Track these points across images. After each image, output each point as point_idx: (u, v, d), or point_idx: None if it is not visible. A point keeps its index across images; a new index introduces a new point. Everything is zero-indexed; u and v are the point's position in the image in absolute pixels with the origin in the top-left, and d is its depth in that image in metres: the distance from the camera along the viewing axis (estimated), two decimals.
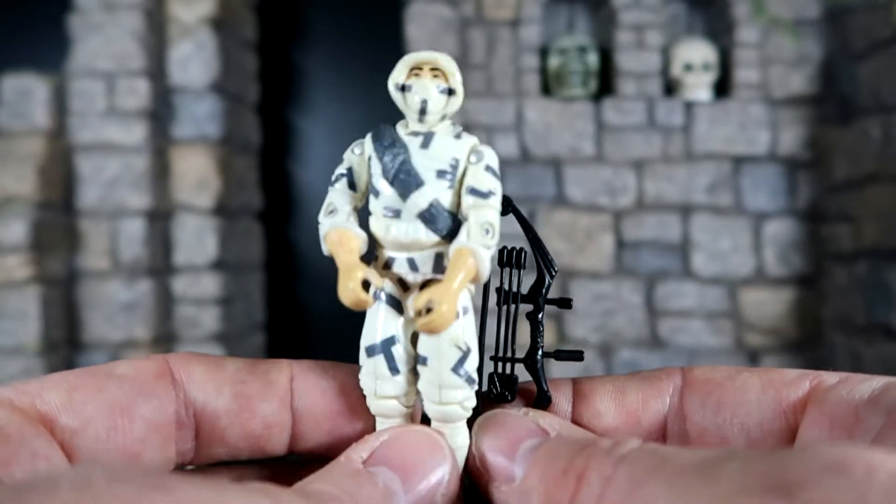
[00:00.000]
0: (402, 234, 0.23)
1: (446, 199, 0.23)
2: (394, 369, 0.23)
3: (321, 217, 0.24)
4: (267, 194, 1.49)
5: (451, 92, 0.23)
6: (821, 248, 1.28)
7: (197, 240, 1.29)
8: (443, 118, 0.24)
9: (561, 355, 0.26)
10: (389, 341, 0.23)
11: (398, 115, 0.24)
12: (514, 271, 0.27)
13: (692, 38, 1.31)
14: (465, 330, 0.23)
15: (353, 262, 0.22)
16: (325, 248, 0.23)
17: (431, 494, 0.22)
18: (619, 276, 1.30)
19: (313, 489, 0.20)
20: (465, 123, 1.29)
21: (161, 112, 1.28)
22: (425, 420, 0.24)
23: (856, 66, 1.19)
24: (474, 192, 0.23)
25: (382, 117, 0.25)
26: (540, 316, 0.26)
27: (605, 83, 1.33)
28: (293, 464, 0.25)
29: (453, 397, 0.23)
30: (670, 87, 1.33)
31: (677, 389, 0.25)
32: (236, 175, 1.37)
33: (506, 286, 0.26)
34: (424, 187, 0.23)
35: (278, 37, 1.52)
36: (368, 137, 0.24)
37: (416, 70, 0.23)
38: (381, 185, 0.23)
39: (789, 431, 0.23)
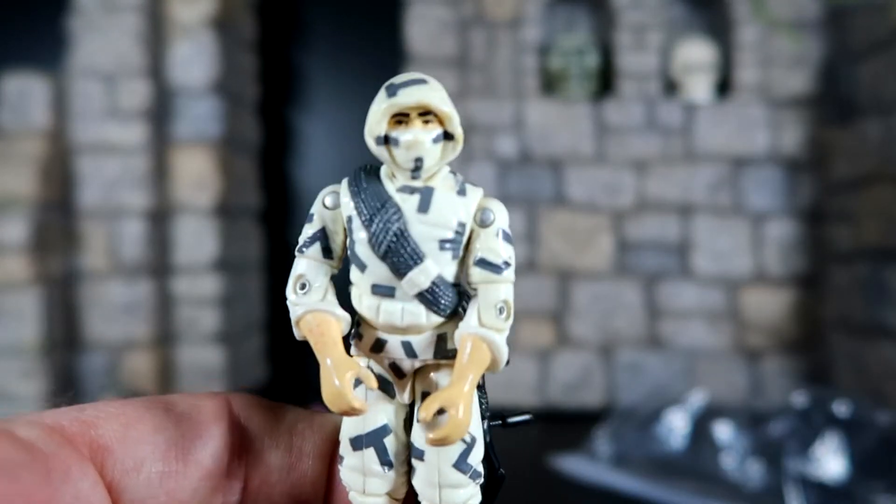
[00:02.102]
0: (397, 316, 0.19)
1: (450, 273, 0.19)
2: (386, 463, 0.20)
3: (290, 294, 0.20)
4: (267, 194, 1.49)
5: (447, 135, 0.19)
6: (821, 249, 1.28)
7: (197, 240, 1.29)
8: (439, 168, 0.19)
9: (509, 423, 0.22)
10: (380, 431, 0.20)
11: None
12: None
13: (692, 38, 1.31)
14: (470, 419, 0.19)
15: (340, 358, 0.18)
16: (298, 334, 0.20)
17: None
18: (619, 276, 1.30)
19: None
20: (466, 124, 1.29)
21: (161, 112, 1.28)
22: None
23: (856, 67, 1.19)
24: (486, 264, 0.19)
25: None
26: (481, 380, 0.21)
27: (605, 83, 1.33)
28: None
29: (456, 498, 0.19)
30: (670, 87, 1.33)
31: None
32: (236, 175, 1.37)
33: None
34: (425, 262, 0.18)
35: (278, 37, 1.52)
36: (345, 188, 0.20)
37: (399, 117, 0.19)
38: (369, 257, 0.19)
39: None
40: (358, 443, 0.20)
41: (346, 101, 1.52)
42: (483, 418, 0.21)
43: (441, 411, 0.18)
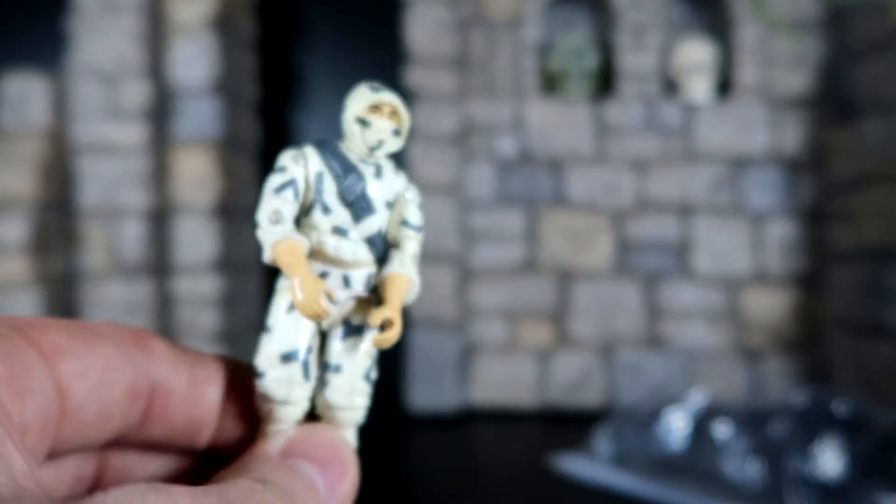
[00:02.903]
0: (349, 253, 0.24)
1: (384, 227, 0.25)
2: (308, 376, 0.24)
3: (264, 223, 0.24)
4: None
5: (397, 133, 0.26)
6: (821, 249, 1.28)
7: (197, 240, 1.29)
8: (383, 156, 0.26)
9: None
10: (309, 349, 0.24)
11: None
12: None
13: (692, 38, 1.31)
14: (371, 341, 0.25)
15: (312, 273, 0.24)
16: (270, 256, 0.24)
17: (350, 494, 0.22)
18: (619, 276, 1.30)
19: (231, 485, 0.19)
20: (466, 124, 1.29)
21: (161, 112, 1.28)
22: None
23: (856, 67, 1.19)
24: (409, 225, 0.26)
25: None
26: None
27: (605, 83, 1.33)
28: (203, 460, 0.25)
29: (361, 403, 0.25)
30: (670, 87, 1.33)
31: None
32: (236, 175, 1.37)
33: None
34: (376, 214, 0.25)
35: (278, 37, 1.52)
36: (312, 152, 0.25)
37: (374, 108, 0.25)
38: (335, 204, 0.24)
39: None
40: (288, 357, 0.24)
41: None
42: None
43: (382, 325, 0.24)
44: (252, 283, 1.44)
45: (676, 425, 0.93)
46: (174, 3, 1.28)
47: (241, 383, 0.25)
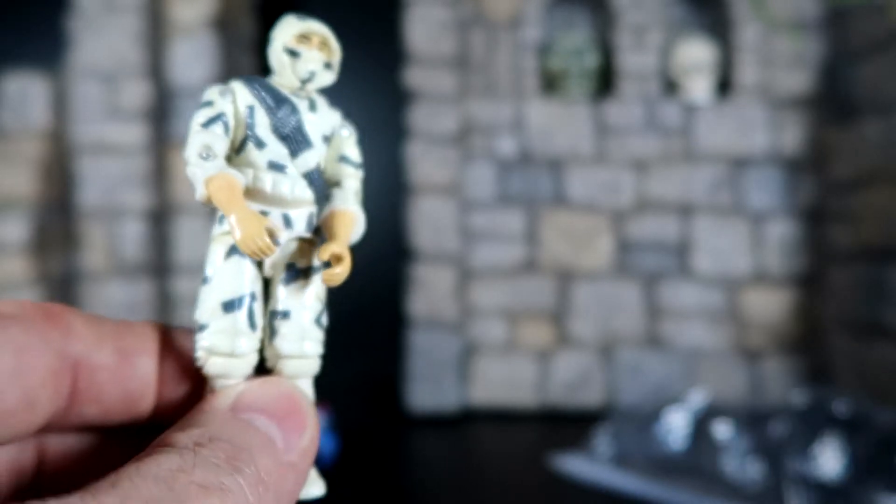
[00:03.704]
0: (289, 190, 0.23)
1: (322, 164, 0.24)
2: (253, 325, 0.23)
3: (193, 159, 0.22)
4: None
5: (328, 66, 0.24)
6: (821, 249, 1.28)
7: (197, 240, 1.29)
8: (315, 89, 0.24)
9: None
10: (252, 296, 0.23)
11: (389, 118, 0.26)
12: None
13: (692, 38, 1.31)
14: (321, 284, 0.24)
15: (252, 210, 0.22)
16: (203, 193, 0.22)
17: (310, 448, 0.21)
18: (619, 276, 1.30)
19: (180, 438, 0.18)
20: (466, 124, 1.29)
21: (161, 112, 1.28)
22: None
23: (856, 67, 1.19)
24: (349, 161, 0.24)
25: (382, 117, 0.25)
26: None
27: (605, 83, 1.33)
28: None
29: (314, 350, 0.23)
30: (670, 87, 1.33)
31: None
32: None
33: None
34: (313, 149, 0.23)
35: None
36: (240, 86, 0.23)
37: (304, 38, 0.24)
38: (269, 138, 0.23)
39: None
40: (230, 306, 0.23)
41: (346, 101, 1.52)
42: None
43: (330, 262, 0.22)
44: None
45: (676, 425, 0.93)
46: (174, 3, 1.28)
47: (178, 346, 0.23)
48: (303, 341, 0.23)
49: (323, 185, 0.24)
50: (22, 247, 1.14)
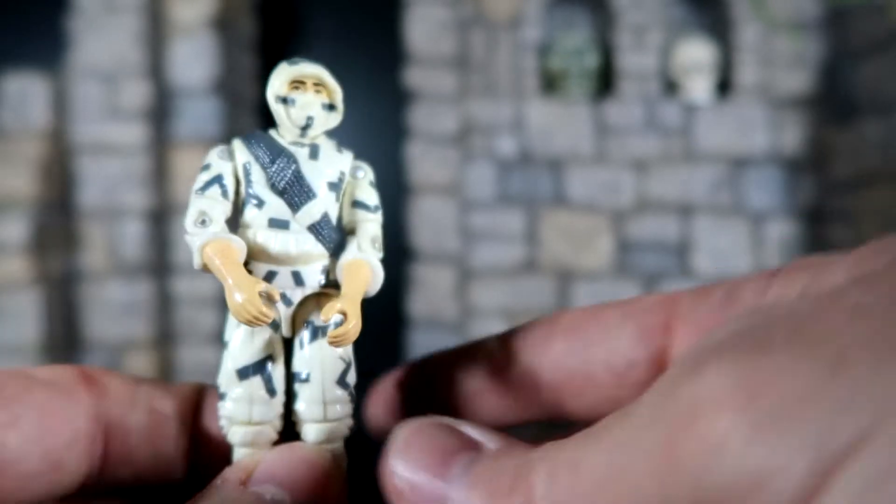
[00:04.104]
0: (293, 245, 0.22)
1: (333, 213, 0.22)
2: (272, 391, 0.22)
3: (190, 227, 0.22)
4: None
5: (331, 108, 0.23)
6: (821, 249, 1.28)
7: None
8: (321, 133, 0.23)
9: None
10: (266, 361, 0.22)
11: (389, 118, 0.24)
12: None
13: (692, 38, 1.31)
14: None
15: (245, 274, 0.21)
16: (199, 261, 0.22)
17: None
18: (619, 276, 1.30)
19: None
20: (466, 124, 1.29)
21: (161, 112, 1.28)
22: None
23: (856, 67, 1.19)
24: (363, 206, 0.23)
25: (382, 117, 0.25)
26: None
27: (606, 83, 1.33)
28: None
29: (339, 412, 0.22)
30: (670, 87, 1.33)
31: (553, 336, 0.24)
32: None
33: None
34: (317, 199, 0.22)
35: (278, 37, 1.52)
36: (238, 143, 0.23)
37: (296, 83, 0.23)
38: (267, 194, 0.22)
39: (656, 358, 0.22)
40: (245, 372, 0.22)
41: (346, 101, 1.52)
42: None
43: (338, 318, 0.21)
44: None
45: None
46: (174, 3, 1.28)
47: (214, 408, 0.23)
48: (325, 405, 0.22)
49: (335, 235, 0.22)
50: (22, 247, 1.14)
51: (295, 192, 0.22)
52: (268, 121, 0.24)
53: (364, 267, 0.22)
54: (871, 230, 1.13)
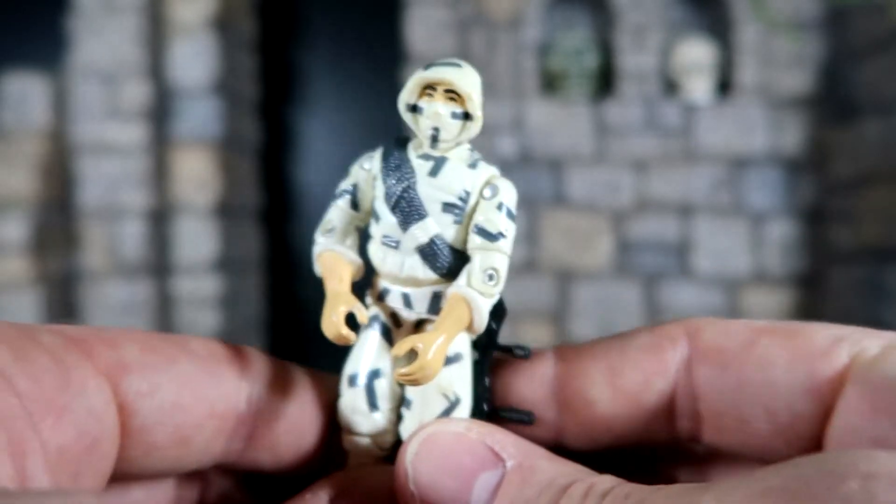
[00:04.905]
0: (398, 267, 0.21)
1: (451, 235, 0.21)
2: (373, 405, 0.21)
3: (317, 234, 0.22)
4: (267, 194, 1.49)
5: (467, 116, 0.21)
6: (821, 249, 1.28)
7: (197, 240, 1.29)
8: (458, 144, 0.21)
9: (509, 415, 0.22)
10: (374, 374, 0.21)
11: (389, 118, 0.23)
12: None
13: (692, 38, 1.31)
14: (455, 378, 0.21)
15: (340, 291, 0.20)
16: (318, 269, 0.21)
17: None
18: (619, 276, 1.30)
19: None
20: None
21: (161, 112, 1.28)
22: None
23: (856, 67, 1.19)
24: (482, 232, 0.20)
25: (382, 117, 0.24)
26: (483, 366, 0.22)
27: (606, 83, 1.33)
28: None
29: None
30: (670, 87, 1.33)
31: (684, 362, 0.21)
32: (236, 175, 1.37)
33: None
34: (426, 220, 0.20)
35: (278, 37, 1.52)
36: (378, 152, 0.22)
37: (428, 89, 0.21)
38: (384, 210, 0.21)
39: (822, 414, 0.19)
40: (352, 381, 0.21)
41: (345, 101, 1.52)
42: (481, 407, 0.22)
43: (413, 352, 0.19)
44: (252, 283, 1.44)
45: None
46: (174, 3, 1.28)
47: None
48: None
49: (449, 261, 0.21)
50: (22, 247, 1.14)
51: (404, 210, 0.20)
52: (267, 121, 0.23)
53: (461, 303, 0.20)
54: (871, 230, 1.13)
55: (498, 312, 0.22)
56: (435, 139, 0.21)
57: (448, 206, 0.20)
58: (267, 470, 0.21)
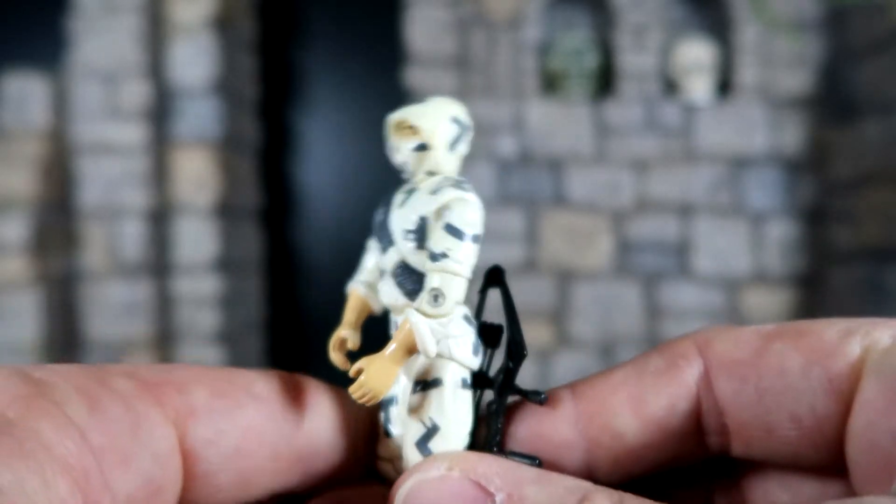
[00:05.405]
0: (384, 294, 0.22)
1: (414, 260, 0.21)
2: (387, 431, 0.21)
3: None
4: (267, 194, 1.49)
5: (423, 147, 0.22)
6: (821, 249, 1.28)
7: (197, 240, 1.29)
8: (431, 174, 0.22)
9: (515, 457, 0.22)
10: (390, 400, 0.21)
11: (386, 102, 0.24)
12: (487, 350, 0.23)
13: (692, 39, 1.31)
14: (433, 404, 0.21)
15: (344, 321, 0.22)
16: None
17: None
18: (619, 276, 1.30)
19: None
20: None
21: (161, 112, 1.28)
22: None
23: (856, 67, 1.19)
24: (430, 253, 0.21)
25: (382, 117, 0.24)
26: (497, 407, 0.22)
27: (606, 83, 1.33)
28: None
29: None
30: (670, 87, 1.33)
31: (702, 378, 0.21)
32: (236, 175, 1.37)
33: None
34: (394, 247, 0.21)
35: (278, 37, 1.52)
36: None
37: (396, 129, 0.22)
38: (376, 242, 0.22)
39: (843, 412, 0.19)
40: (382, 404, 0.22)
41: (345, 101, 1.52)
42: (492, 446, 0.21)
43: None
44: (252, 284, 1.44)
45: None
46: (174, 3, 1.28)
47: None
48: (404, 461, 0.21)
49: (419, 286, 0.21)
50: (22, 247, 1.14)
51: (382, 239, 0.22)
52: (267, 121, 0.24)
53: (404, 323, 0.20)
54: (871, 230, 1.13)
55: (515, 354, 0.22)
56: (410, 174, 0.22)
57: (407, 233, 0.21)
58: (323, 490, 0.22)
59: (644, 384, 0.21)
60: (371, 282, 0.23)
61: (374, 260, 0.23)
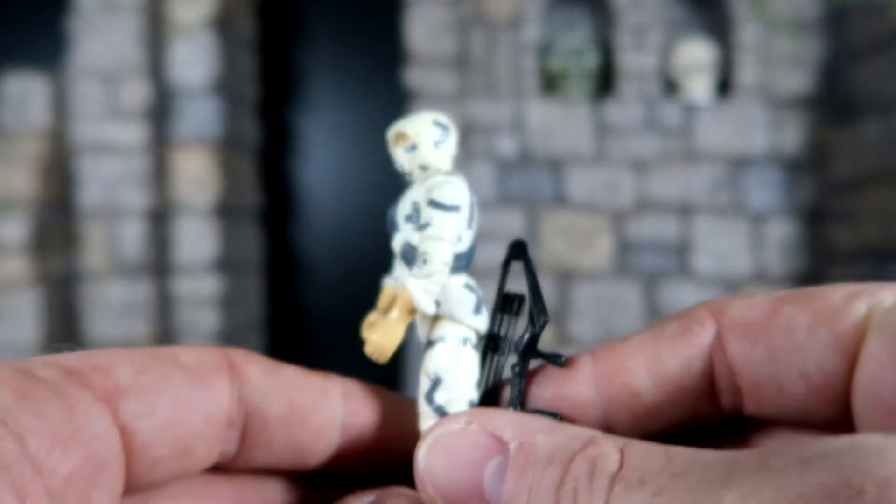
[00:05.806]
0: (396, 272, 0.25)
1: (414, 240, 0.24)
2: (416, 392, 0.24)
3: None
4: (267, 194, 1.49)
5: (412, 148, 0.25)
6: (821, 249, 1.28)
7: (197, 240, 1.29)
8: (423, 168, 0.25)
9: (537, 413, 0.23)
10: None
11: (389, 118, 0.26)
12: (510, 317, 0.25)
13: (692, 39, 1.31)
14: (436, 359, 0.23)
15: (377, 307, 0.25)
16: None
17: None
18: (619, 276, 1.30)
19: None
20: (466, 124, 1.29)
21: (161, 112, 1.28)
22: None
23: (856, 67, 1.19)
24: (418, 226, 0.24)
25: (382, 117, 0.25)
26: (520, 369, 0.24)
27: (606, 83, 1.33)
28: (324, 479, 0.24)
29: (422, 425, 0.23)
30: (670, 87, 1.33)
31: (716, 340, 0.22)
32: (236, 175, 1.37)
33: (501, 332, 0.25)
34: (399, 232, 0.24)
35: (278, 37, 1.52)
36: None
37: (393, 140, 0.25)
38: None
39: (849, 368, 0.20)
40: None
41: (346, 101, 1.52)
42: (517, 406, 0.23)
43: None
44: (252, 284, 1.44)
45: None
46: (174, 3, 1.28)
47: (368, 404, 0.24)
48: (419, 418, 0.23)
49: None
50: (22, 247, 1.14)
51: (391, 228, 0.25)
52: (267, 121, 0.24)
53: (402, 287, 0.23)
54: (871, 230, 1.13)
55: (538, 320, 0.24)
56: (410, 177, 0.25)
57: (407, 217, 0.24)
58: (264, 467, 0.22)
59: (660, 347, 0.22)
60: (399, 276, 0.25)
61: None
